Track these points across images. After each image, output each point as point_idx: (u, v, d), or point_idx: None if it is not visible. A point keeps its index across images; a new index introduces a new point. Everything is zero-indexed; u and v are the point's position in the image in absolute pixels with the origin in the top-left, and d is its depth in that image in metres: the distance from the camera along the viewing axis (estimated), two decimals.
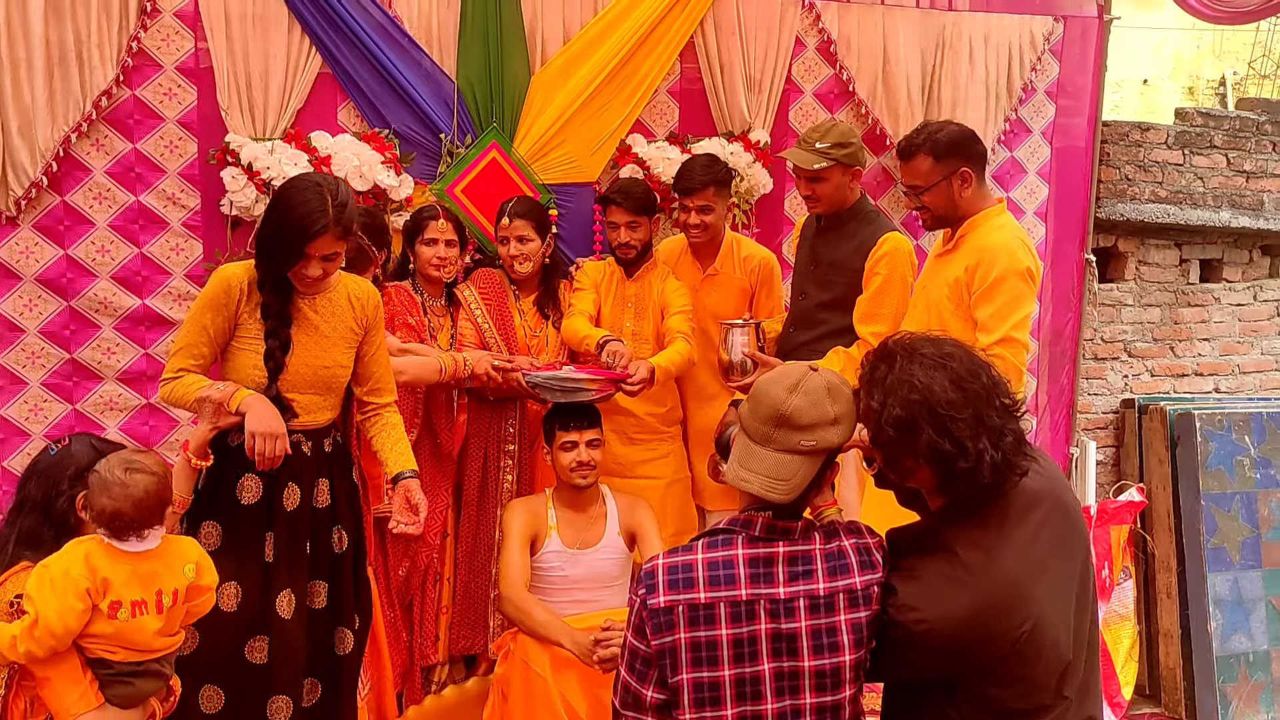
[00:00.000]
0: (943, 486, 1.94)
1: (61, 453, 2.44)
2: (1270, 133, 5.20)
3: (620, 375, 3.41)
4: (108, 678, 2.30)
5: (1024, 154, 4.63)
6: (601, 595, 3.39)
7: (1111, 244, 5.04)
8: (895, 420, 1.88)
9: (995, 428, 1.88)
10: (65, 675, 2.26)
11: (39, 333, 3.53)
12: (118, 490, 2.26)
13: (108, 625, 2.25)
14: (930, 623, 1.90)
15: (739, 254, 3.83)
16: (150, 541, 2.31)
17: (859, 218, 3.55)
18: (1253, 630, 4.62)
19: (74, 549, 2.28)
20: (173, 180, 3.60)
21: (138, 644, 2.30)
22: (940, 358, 1.92)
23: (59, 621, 2.19)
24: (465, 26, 3.78)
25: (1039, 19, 4.52)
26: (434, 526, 3.57)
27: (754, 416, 1.98)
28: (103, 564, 2.25)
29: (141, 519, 2.28)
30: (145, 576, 2.30)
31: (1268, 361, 5.41)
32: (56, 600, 2.19)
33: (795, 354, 3.46)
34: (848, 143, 3.48)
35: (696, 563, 1.95)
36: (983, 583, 1.89)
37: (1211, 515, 4.64)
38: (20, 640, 2.19)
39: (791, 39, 4.19)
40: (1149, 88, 10.57)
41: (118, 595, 2.25)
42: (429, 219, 3.56)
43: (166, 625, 2.34)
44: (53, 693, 2.27)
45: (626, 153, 4.04)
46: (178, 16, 3.54)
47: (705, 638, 1.91)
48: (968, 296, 3.06)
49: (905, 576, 1.97)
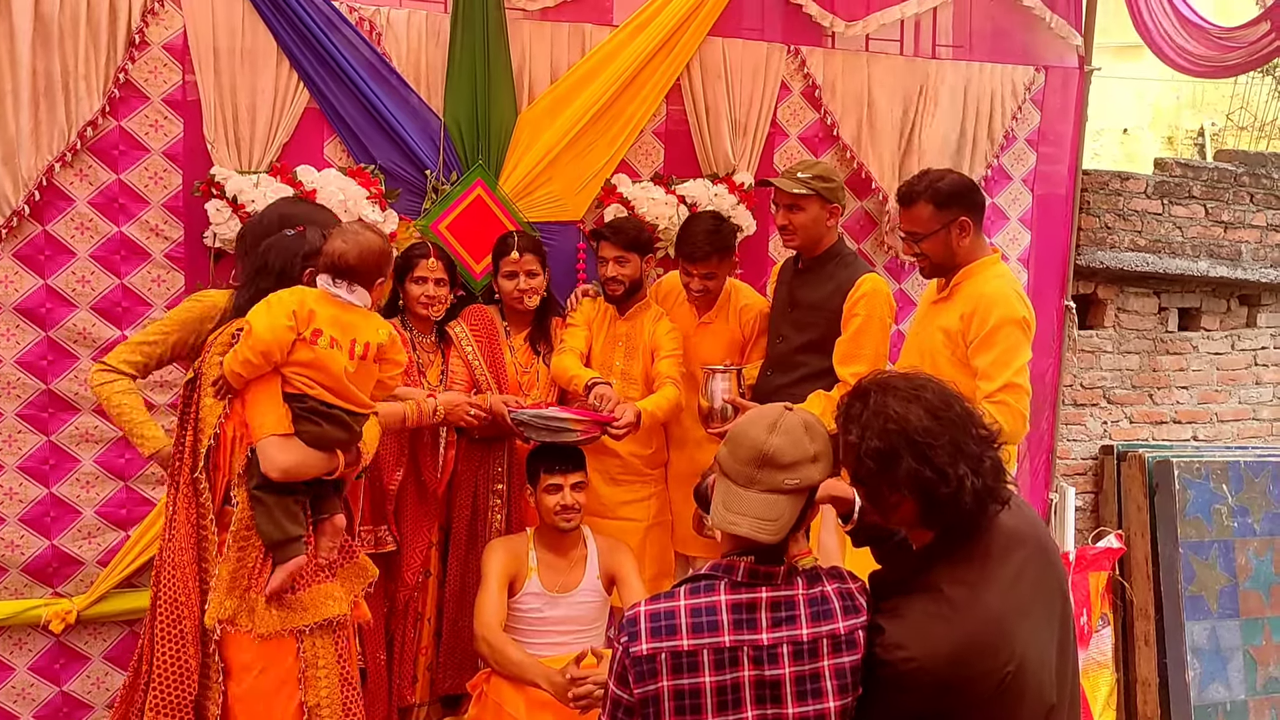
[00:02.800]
0: (925, 518, 1.94)
1: (298, 235, 2.81)
2: (1248, 184, 5.27)
3: (607, 418, 3.39)
4: (300, 412, 2.61)
5: (1005, 201, 4.68)
6: (579, 638, 3.36)
7: (1091, 291, 5.08)
8: (874, 452, 1.90)
9: (974, 454, 1.90)
10: (267, 396, 2.59)
11: (15, 363, 3.49)
12: (351, 237, 2.63)
13: (307, 351, 2.58)
14: (919, 660, 1.89)
15: (736, 304, 3.81)
16: (356, 298, 2.64)
17: (836, 260, 3.56)
18: (1230, 679, 4.62)
19: (292, 289, 2.65)
20: (156, 211, 3.58)
21: (331, 377, 2.61)
22: (913, 389, 1.95)
23: (269, 331, 2.53)
24: (453, 65, 3.80)
25: (1020, 68, 4.58)
26: (414, 566, 3.54)
27: (735, 459, 1.98)
28: (311, 299, 2.62)
29: (359, 269, 2.63)
30: (345, 324, 2.63)
31: (1245, 410, 5.45)
32: (269, 316, 2.56)
33: (773, 397, 3.44)
34: (829, 179, 3.51)
35: (679, 609, 1.94)
36: (968, 619, 1.89)
37: (1189, 563, 4.65)
38: (239, 350, 2.54)
39: (777, 83, 4.23)
40: (1129, 137, 10.72)
41: (319, 325, 2.59)
42: (420, 257, 3.55)
43: (357, 374, 2.65)
44: (254, 411, 2.60)
45: (611, 192, 4.05)
46: (166, 49, 3.54)
47: (689, 685, 1.90)
48: (964, 344, 3.08)
49: (891, 616, 1.96)
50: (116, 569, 3.61)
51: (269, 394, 2.60)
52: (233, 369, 2.57)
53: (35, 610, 3.56)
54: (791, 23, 4.26)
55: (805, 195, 3.47)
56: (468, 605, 3.58)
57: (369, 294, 2.69)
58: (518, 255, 3.63)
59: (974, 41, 4.54)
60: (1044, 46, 4.66)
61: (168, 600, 2.64)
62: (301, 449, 2.61)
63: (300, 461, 2.61)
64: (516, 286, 3.65)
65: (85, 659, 3.70)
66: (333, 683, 2.69)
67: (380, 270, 2.69)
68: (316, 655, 2.68)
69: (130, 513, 3.66)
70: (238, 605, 2.62)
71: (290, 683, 2.66)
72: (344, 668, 2.73)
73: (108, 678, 3.72)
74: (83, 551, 3.63)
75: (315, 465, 2.65)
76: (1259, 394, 5.49)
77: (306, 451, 2.62)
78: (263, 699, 2.65)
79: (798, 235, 3.54)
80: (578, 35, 3.98)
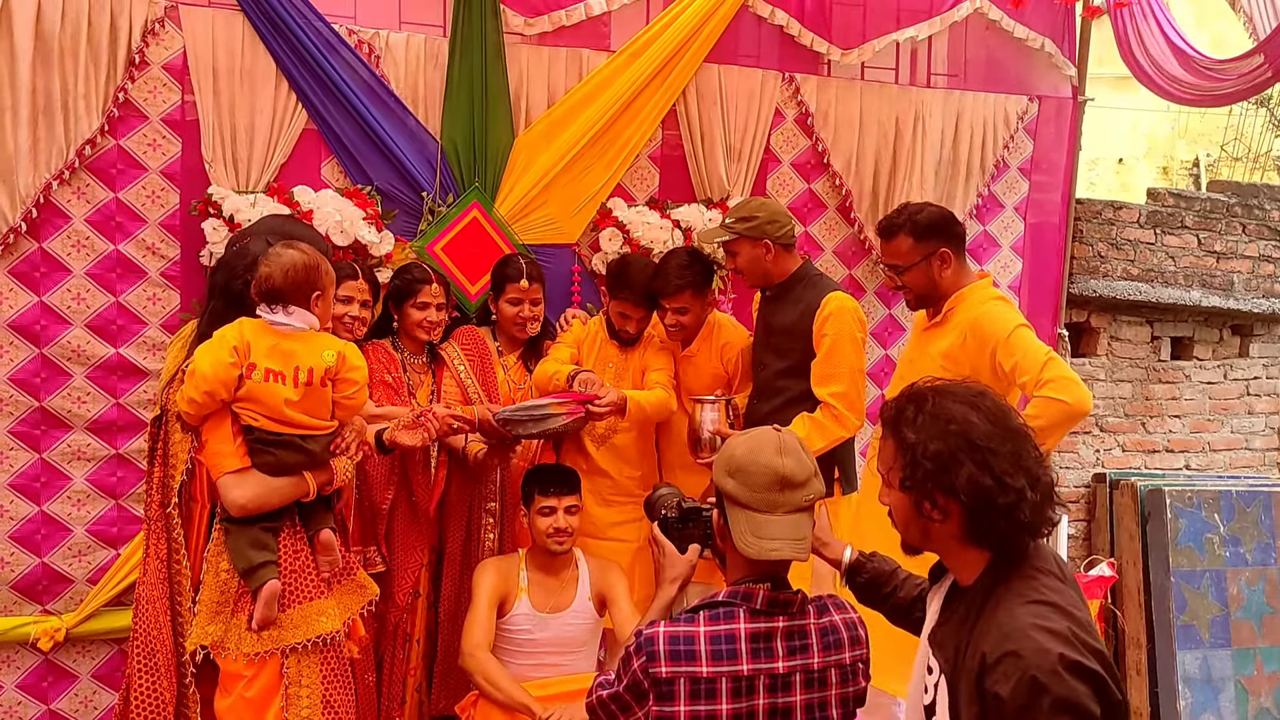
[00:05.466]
0: (972, 531, 1.79)
1: (240, 246, 2.80)
2: (1240, 215, 5.30)
3: (588, 396, 3.37)
4: (254, 445, 2.65)
5: (997, 229, 4.71)
6: (569, 659, 3.36)
7: (1084, 319, 5.10)
8: (934, 455, 1.77)
9: (1032, 469, 1.78)
10: (219, 437, 2.64)
11: (8, 379, 3.49)
12: (273, 259, 2.63)
13: (246, 385, 2.60)
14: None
15: (718, 341, 3.77)
16: (295, 320, 2.65)
17: (802, 283, 3.57)
18: (1221, 710, 4.60)
19: (235, 323, 2.66)
20: (153, 230, 3.60)
21: (270, 409, 2.63)
22: (972, 395, 1.84)
23: (211, 369, 2.57)
24: (451, 87, 3.83)
25: (1014, 98, 4.62)
26: (405, 587, 3.53)
27: (752, 488, 1.99)
28: (250, 332, 2.64)
29: (286, 289, 2.62)
30: (285, 352, 2.64)
31: (1237, 440, 5.46)
32: (212, 354, 2.59)
33: (760, 423, 3.39)
34: (752, 217, 3.49)
35: (699, 635, 1.96)
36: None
37: (1181, 592, 4.65)
38: (184, 390, 2.60)
39: (771, 110, 4.27)
40: (1124, 167, 10.79)
41: (255, 359, 2.61)
42: (422, 282, 3.54)
43: (303, 401, 2.65)
44: (209, 452, 2.65)
45: (607, 216, 4.08)
46: (165, 69, 3.57)
47: (705, 712, 1.94)
48: (967, 364, 3.06)
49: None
50: (106, 587, 3.60)
51: (221, 432, 2.65)
52: (181, 409, 2.64)
53: (24, 628, 3.55)
54: (787, 50, 4.31)
55: (730, 240, 3.51)
56: (461, 625, 3.57)
57: (310, 312, 2.68)
58: (526, 284, 3.63)
59: (968, 70, 4.59)
60: (1038, 76, 4.71)
61: (142, 633, 2.71)
62: (261, 481, 2.65)
63: (259, 494, 2.65)
64: (520, 314, 3.66)
65: (74, 677, 3.69)
66: (314, 703, 2.70)
67: (312, 284, 2.66)
68: (300, 674, 2.69)
69: (121, 531, 3.65)
70: (224, 629, 2.66)
71: (276, 695, 2.68)
72: (328, 690, 2.73)
73: (96, 696, 3.70)
74: (73, 569, 3.62)
75: (282, 492, 2.68)
76: (1251, 424, 5.50)
77: (266, 482, 2.65)
78: (250, 708, 2.67)
79: (745, 276, 3.60)
80: (575, 60, 4.01)
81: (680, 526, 2.34)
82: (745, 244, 3.51)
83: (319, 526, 2.78)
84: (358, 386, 2.77)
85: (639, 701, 1.98)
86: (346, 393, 2.74)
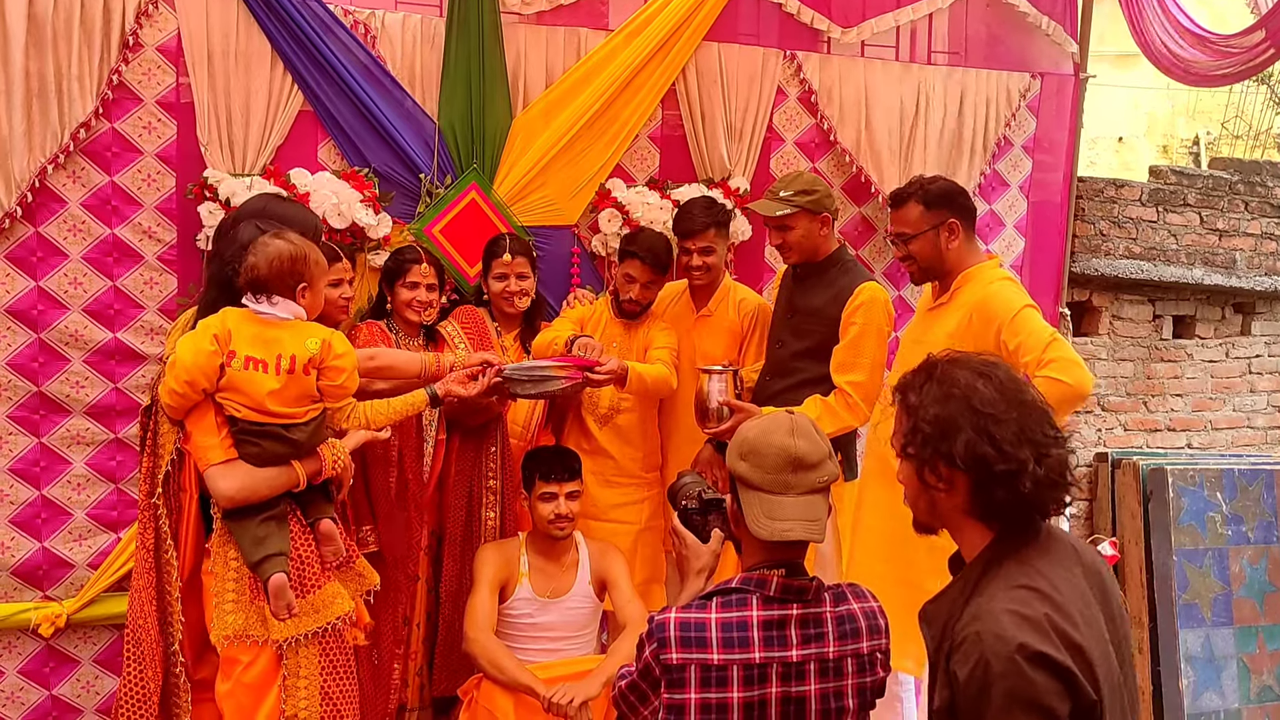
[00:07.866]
0: (976, 499, 1.74)
1: (231, 234, 2.78)
2: (1242, 192, 5.28)
3: (590, 362, 3.34)
4: (238, 437, 2.64)
5: (1002, 207, 4.68)
6: (570, 644, 3.36)
7: (1086, 298, 5.08)
8: (933, 418, 1.75)
9: (1039, 442, 1.72)
10: (203, 429, 2.63)
11: (6, 365, 3.47)
12: (259, 249, 2.61)
13: (226, 374, 2.59)
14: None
15: (734, 298, 3.80)
16: (280, 310, 2.63)
17: (837, 267, 3.55)
18: (1224, 688, 4.61)
19: (219, 313, 2.64)
20: (149, 214, 3.58)
21: (251, 399, 2.61)
22: (984, 365, 1.80)
23: (191, 359, 2.55)
24: (448, 68, 3.80)
25: (1016, 75, 4.59)
26: (405, 571, 3.51)
27: (764, 469, 1.97)
28: (233, 320, 2.62)
29: (271, 280, 2.61)
30: (268, 340, 2.62)
31: (1239, 418, 5.45)
32: (193, 344, 2.58)
33: (771, 402, 3.45)
34: (812, 190, 3.48)
35: (710, 622, 1.94)
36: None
37: (1184, 571, 4.65)
38: (166, 381, 2.59)
39: (773, 88, 4.23)
40: (1125, 145, 10.74)
41: (236, 347, 2.59)
42: (411, 262, 3.52)
43: (284, 391, 2.63)
44: (195, 445, 2.64)
45: (606, 197, 4.05)
46: (160, 51, 3.53)
47: (716, 700, 1.92)
48: (972, 342, 3.01)
49: None
50: (107, 572, 3.59)
51: (205, 424, 2.64)
52: (164, 401, 2.62)
53: (25, 614, 3.55)
54: (787, 28, 4.27)
55: (790, 214, 3.47)
56: (463, 606, 3.56)
57: (296, 302, 2.66)
58: (509, 257, 3.62)
59: (970, 48, 4.55)
60: (1039, 53, 4.67)
61: (131, 623, 2.71)
62: (247, 471, 2.63)
63: (246, 485, 2.63)
64: (506, 288, 3.64)
65: (75, 662, 3.68)
66: (312, 694, 2.68)
67: (297, 275, 2.64)
68: (299, 665, 2.68)
69: (121, 515, 3.64)
70: (246, 618, 2.65)
71: (275, 680, 2.67)
72: (326, 682, 2.71)
73: (97, 681, 3.70)
74: (73, 554, 3.61)
75: (271, 482, 2.66)
76: (1253, 402, 5.49)
77: (253, 473, 2.64)
78: (249, 693, 2.66)
79: (794, 252, 3.54)
80: (573, 39, 3.98)
81: (702, 517, 2.30)
82: (804, 218, 3.47)
83: (318, 516, 2.77)
84: (345, 374, 2.74)
85: (654, 689, 1.97)
86: (335, 380, 2.72)
